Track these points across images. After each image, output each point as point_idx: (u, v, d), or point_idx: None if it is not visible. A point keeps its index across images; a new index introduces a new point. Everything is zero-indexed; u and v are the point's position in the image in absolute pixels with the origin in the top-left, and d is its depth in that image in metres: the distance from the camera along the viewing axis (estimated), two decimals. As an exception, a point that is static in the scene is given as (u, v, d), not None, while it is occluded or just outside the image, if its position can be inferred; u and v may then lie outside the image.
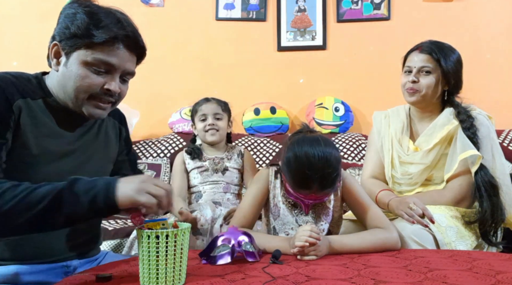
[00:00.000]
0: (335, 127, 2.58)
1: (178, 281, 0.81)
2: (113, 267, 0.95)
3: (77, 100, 0.99)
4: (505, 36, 2.67)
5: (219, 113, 1.88)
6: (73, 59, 0.96)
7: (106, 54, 0.96)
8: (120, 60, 0.99)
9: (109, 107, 1.04)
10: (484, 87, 2.58)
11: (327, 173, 1.06)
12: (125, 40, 0.98)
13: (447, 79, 1.50)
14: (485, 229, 1.37)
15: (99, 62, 0.96)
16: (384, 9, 2.75)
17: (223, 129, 1.88)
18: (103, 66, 0.97)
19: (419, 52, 1.54)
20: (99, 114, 1.02)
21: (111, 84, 0.99)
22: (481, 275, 0.84)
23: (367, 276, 0.85)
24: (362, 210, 1.21)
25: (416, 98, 1.52)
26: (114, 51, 0.97)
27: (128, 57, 1.01)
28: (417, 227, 1.27)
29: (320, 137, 1.12)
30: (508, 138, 2.34)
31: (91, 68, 0.96)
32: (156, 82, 2.81)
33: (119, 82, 1.01)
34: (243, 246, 1.00)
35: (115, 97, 1.03)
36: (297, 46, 2.79)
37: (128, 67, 1.02)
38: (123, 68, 1.00)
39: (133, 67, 1.05)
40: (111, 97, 1.01)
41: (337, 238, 1.14)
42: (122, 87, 1.03)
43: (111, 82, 0.99)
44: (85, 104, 0.99)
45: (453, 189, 1.44)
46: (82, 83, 0.96)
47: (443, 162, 1.48)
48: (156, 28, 2.81)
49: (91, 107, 1.00)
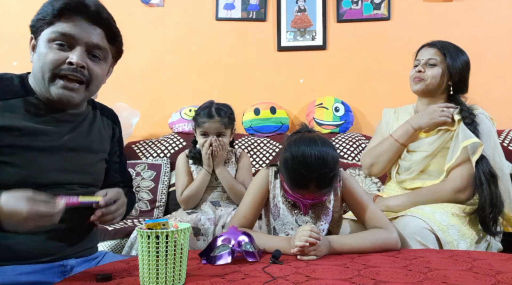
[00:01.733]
0: (335, 127, 2.58)
1: (178, 281, 0.81)
2: (113, 267, 0.95)
3: (44, 82, 0.98)
4: (505, 36, 2.67)
5: (222, 132, 1.80)
6: (40, 42, 0.98)
7: (65, 25, 0.97)
8: (80, 30, 0.98)
9: (80, 88, 1.01)
10: (484, 87, 2.58)
11: (324, 173, 1.06)
12: (82, 10, 0.98)
13: (451, 74, 1.57)
14: (484, 217, 1.38)
15: (58, 35, 0.96)
16: (384, 9, 2.75)
17: (225, 144, 1.82)
18: (63, 39, 0.97)
19: (428, 47, 1.65)
20: (68, 95, 0.99)
21: (73, 56, 0.97)
22: (481, 275, 0.84)
23: (367, 276, 0.85)
24: (362, 210, 1.21)
25: (421, 86, 1.60)
26: (73, 22, 0.97)
27: (90, 29, 0.99)
28: (418, 226, 1.27)
29: (317, 137, 1.12)
30: (508, 138, 2.34)
31: (53, 44, 0.97)
32: (156, 82, 2.81)
33: (85, 56, 0.99)
34: (243, 246, 1.00)
35: (85, 76, 1.00)
36: (297, 46, 2.79)
37: (92, 39, 1.00)
38: (85, 39, 0.98)
39: (100, 40, 1.02)
40: (77, 73, 0.98)
41: (337, 238, 1.14)
42: (91, 64, 1.01)
43: (72, 54, 0.97)
44: (51, 86, 0.98)
45: (454, 179, 1.46)
46: (45, 61, 0.96)
47: (442, 155, 1.52)
48: (156, 28, 2.81)
49: (59, 89, 0.98)
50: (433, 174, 1.53)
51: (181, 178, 1.85)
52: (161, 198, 2.24)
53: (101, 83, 1.09)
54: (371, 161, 1.63)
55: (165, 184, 2.28)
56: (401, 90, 2.67)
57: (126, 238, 1.78)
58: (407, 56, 2.67)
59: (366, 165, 1.65)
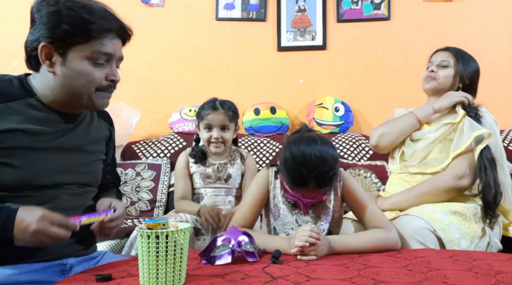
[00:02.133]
0: (335, 127, 2.58)
1: (178, 281, 0.81)
2: (113, 267, 0.95)
3: (86, 95, 1.02)
4: (505, 36, 2.67)
5: (226, 124, 1.76)
6: (72, 56, 0.98)
7: (104, 45, 1.00)
8: (116, 49, 1.04)
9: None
10: (484, 87, 2.56)
11: (324, 172, 1.06)
12: (117, 30, 1.04)
13: (462, 77, 1.64)
14: (487, 201, 1.41)
15: (98, 54, 1.00)
16: (384, 9, 2.75)
17: (229, 140, 1.78)
18: (102, 57, 1.01)
19: (442, 51, 1.72)
20: (107, 103, 1.09)
21: (115, 75, 1.04)
22: (481, 275, 0.84)
23: (367, 276, 0.85)
24: (362, 210, 1.21)
25: (432, 84, 1.66)
26: (109, 41, 1.01)
27: (119, 44, 1.06)
28: (418, 226, 1.28)
29: (317, 136, 1.12)
30: (508, 138, 2.34)
31: (91, 61, 1.00)
32: (156, 82, 2.81)
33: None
34: (243, 246, 1.00)
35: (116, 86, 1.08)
36: (297, 46, 2.79)
37: (120, 53, 1.07)
38: (118, 55, 1.05)
39: (122, 52, 1.09)
40: (114, 87, 1.07)
41: (337, 238, 1.14)
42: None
43: (114, 72, 1.04)
44: (94, 98, 1.03)
45: (454, 167, 1.48)
46: (90, 79, 1.00)
47: (443, 146, 1.54)
48: (156, 28, 2.81)
49: (100, 99, 1.05)
50: (432, 164, 1.55)
51: (179, 183, 1.81)
52: (161, 198, 2.24)
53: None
54: (383, 130, 1.64)
55: (165, 184, 2.28)
56: (401, 90, 2.68)
57: (126, 238, 1.78)
58: (407, 56, 2.70)
59: (377, 134, 1.65)
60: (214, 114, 1.75)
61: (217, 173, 1.79)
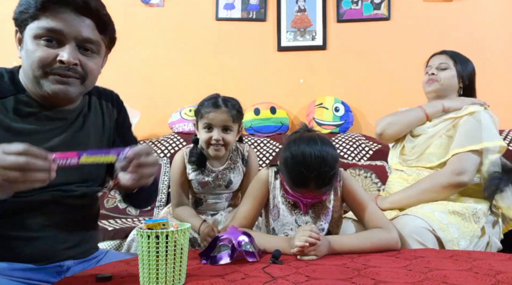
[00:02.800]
0: (335, 127, 2.58)
1: (178, 281, 0.81)
2: (113, 267, 0.95)
3: (35, 79, 0.91)
4: (505, 36, 2.67)
5: (229, 126, 1.52)
6: (26, 37, 0.92)
7: (51, 20, 0.89)
8: (68, 25, 0.90)
9: (76, 82, 0.95)
10: (484, 87, 2.56)
11: (323, 172, 1.06)
12: (68, 2, 0.90)
13: (462, 77, 1.66)
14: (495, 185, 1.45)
15: (44, 31, 0.89)
16: (384, 9, 2.75)
17: (230, 142, 1.54)
18: (51, 35, 0.90)
19: (438, 54, 1.73)
20: (64, 90, 0.93)
21: (63, 54, 0.90)
22: (481, 275, 0.84)
23: (367, 276, 0.85)
24: (362, 210, 1.21)
25: (435, 86, 1.67)
26: (59, 15, 0.90)
27: (78, 21, 0.92)
28: (418, 226, 1.28)
29: (317, 136, 1.12)
30: (508, 138, 2.34)
31: (40, 40, 0.90)
32: (156, 82, 2.81)
33: (77, 52, 0.93)
34: (243, 246, 1.00)
35: (79, 72, 0.94)
36: (297, 46, 2.79)
37: (82, 33, 0.92)
38: (75, 34, 0.91)
39: (91, 33, 0.94)
40: (70, 71, 0.92)
41: (337, 238, 1.14)
42: (83, 59, 0.95)
43: (62, 52, 0.90)
44: (45, 82, 0.91)
45: (453, 162, 1.48)
46: (33, 59, 0.90)
47: (441, 141, 1.56)
48: (156, 28, 2.81)
49: (52, 83, 0.92)
50: (429, 159, 1.56)
51: (176, 189, 1.61)
52: (161, 198, 2.24)
53: (97, 76, 1.03)
54: (390, 120, 1.68)
55: (165, 184, 2.28)
56: (401, 90, 2.68)
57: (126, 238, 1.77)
58: (407, 56, 2.70)
59: (383, 122, 1.69)
60: (216, 112, 1.50)
61: (217, 181, 1.60)
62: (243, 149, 1.67)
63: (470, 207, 1.42)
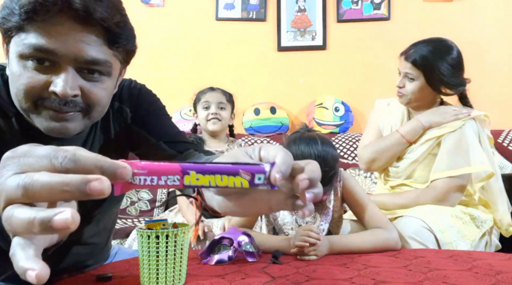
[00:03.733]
0: (335, 127, 2.58)
1: (178, 281, 0.81)
2: (113, 267, 0.95)
3: (25, 113, 0.69)
4: (505, 36, 2.67)
5: (223, 103, 1.87)
6: (11, 54, 0.67)
7: (40, 35, 0.63)
8: (63, 42, 0.64)
9: (76, 116, 0.69)
10: (484, 87, 2.58)
11: (324, 172, 1.05)
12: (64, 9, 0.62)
13: (432, 85, 1.49)
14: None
15: (32, 50, 0.63)
16: (384, 9, 2.75)
17: (225, 119, 1.87)
18: (40, 55, 0.64)
19: (404, 59, 1.54)
20: (60, 128, 0.68)
21: (56, 83, 0.65)
22: (481, 275, 0.84)
23: (367, 276, 0.85)
24: (362, 210, 1.21)
25: (404, 100, 1.57)
26: (52, 30, 0.63)
27: (80, 35, 0.64)
28: (418, 226, 1.27)
29: (317, 136, 1.12)
30: (508, 138, 2.34)
31: (28, 61, 0.65)
32: (156, 82, 2.79)
33: (77, 78, 0.67)
34: (243, 246, 1.00)
35: (80, 105, 0.69)
36: (297, 46, 2.79)
37: (85, 53, 0.65)
38: (74, 55, 0.65)
39: (97, 51, 0.67)
40: (68, 106, 0.67)
41: (337, 238, 1.14)
42: (87, 86, 0.69)
43: (56, 79, 0.65)
44: (36, 118, 0.68)
45: (435, 187, 1.44)
46: (19, 86, 0.66)
47: (427, 162, 1.50)
48: (156, 28, 2.81)
49: (45, 120, 0.68)
50: (418, 180, 1.52)
51: None
52: (161, 198, 2.24)
53: (109, 101, 0.78)
54: (372, 156, 1.58)
55: (165, 184, 2.28)
56: (401, 90, 2.68)
57: (126, 238, 1.78)
58: (407, 56, 2.70)
59: (366, 160, 1.60)
60: (212, 92, 1.88)
61: None
62: (240, 142, 1.96)
63: (472, 211, 1.42)
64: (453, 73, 1.49)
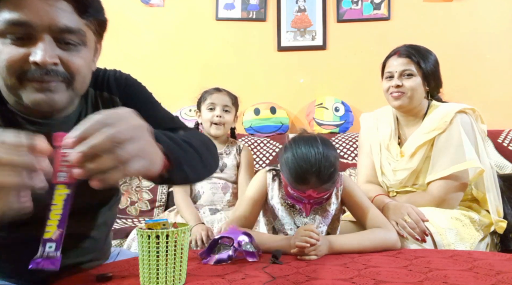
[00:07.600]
0: (335, 127, 2.58)
1: (178, 281, 0.81)
2: (113, 267, 0.95)
3: (11, 90, 0.73)
4: (505, 36, 2.67)
5: (228, 106, 1.85)
6: None
7: (13, 10, 0.67)
8: (36, 13, 0.68)
9: (60, 86, 0.73)
10: (484, 87, 2.58)
11: (324, 167, 1.06)
12: None
13: (427, 80, 1.52)
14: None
15: (7, 26, 0.68)
16: (384, 9, 2.75)
17: (229, 123, 1.86)
18: (16, 30, 0.68)
19: (397, 57, 1.56)
20: (46, 100, 0.72)
21: (35, 52, 0.69)
22: (481, 275, 0.84)
23: (367, 276, 0.85)
24: (362, 212, 1.21)
25: (403, 101, 1.53)
26: (23, 2, 0.68)
27: (51, 5, 0.69)
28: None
29: (318, 137, 1.13)
30: (508, 138, 2.34)
31: (6, 38, 0.69)
32: (156, 82, 2.79)
33: (54, 47, 0.71)
34: (243, 246, 1.00)
35: (61, 73, 0.73)
36: (297, 46, 2.79)
37: (57, 21, 0.70)
38: (47, 23, 0.69)
39: (69, 20, 0.71)
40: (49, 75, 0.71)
41: (337, 238, 1.14)
42: (65, 55, 0.73)
43: (35, 49, 0.69)
44: (22, 93, 0.71)
45: (431, 191, 1.44)
46: (1, 63, 0.70)
47: (427, 166, 1.48)
48: (156, 28, 2.81)
49: (31, 93, 0.71)
50: (424, 186, 1.50)
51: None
52: (161, 198, 2.24)
53: (89, 73, 0.82)
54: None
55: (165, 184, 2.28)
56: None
57: (126, 238, 1.77)
58: (407, 56, 2.70)
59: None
60: (218, 94, 1.86)
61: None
62: (239, 143, 1.94)
63: (472, 214, 1.42)
64: (437, 70, 1.55)
